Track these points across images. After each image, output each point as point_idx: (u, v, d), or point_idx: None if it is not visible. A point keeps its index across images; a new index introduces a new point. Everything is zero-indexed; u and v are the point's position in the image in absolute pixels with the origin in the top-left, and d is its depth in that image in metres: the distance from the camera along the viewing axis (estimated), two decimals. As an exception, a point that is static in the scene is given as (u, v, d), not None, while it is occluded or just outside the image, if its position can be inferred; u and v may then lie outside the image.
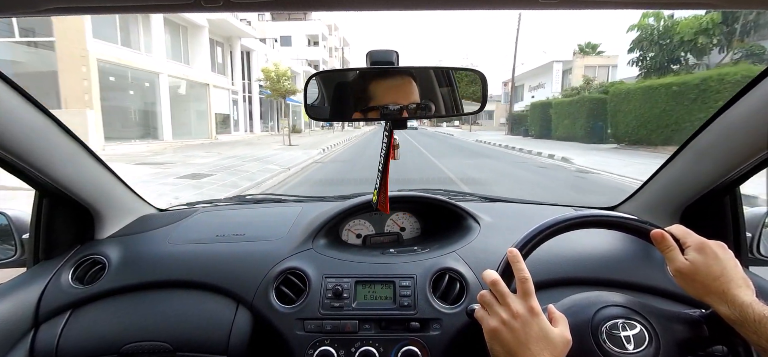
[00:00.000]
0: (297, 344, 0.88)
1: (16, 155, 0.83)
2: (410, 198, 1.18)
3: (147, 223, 1.20)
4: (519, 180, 8.03)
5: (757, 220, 1.00)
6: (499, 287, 0.61)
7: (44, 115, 0.86)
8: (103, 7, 0.66)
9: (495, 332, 0.59)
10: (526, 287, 0.60)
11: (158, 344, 0.91)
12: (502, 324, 0.59)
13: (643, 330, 0.64)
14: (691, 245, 0.62)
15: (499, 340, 0.59)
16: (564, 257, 0.95)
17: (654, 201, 1.11)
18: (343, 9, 0.62)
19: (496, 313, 0.60)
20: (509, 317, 0.58)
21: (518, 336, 0.57)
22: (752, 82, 0.77)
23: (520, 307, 0.59)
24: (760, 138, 0.78)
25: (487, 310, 0.62)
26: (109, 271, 1.01)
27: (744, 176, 0.89)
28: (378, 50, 0.72)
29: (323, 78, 0.81)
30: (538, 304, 0.60)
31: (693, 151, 0.96)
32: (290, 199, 1.44)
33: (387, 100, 0.73)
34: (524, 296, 0.59)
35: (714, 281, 0.59)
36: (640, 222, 0.69)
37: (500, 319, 0.59)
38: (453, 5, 0.59)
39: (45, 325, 0.94)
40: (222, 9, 0.61)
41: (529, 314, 0.58)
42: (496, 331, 0.59)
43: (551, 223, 0.69)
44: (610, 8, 0.59)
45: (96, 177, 1.05)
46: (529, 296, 0.59)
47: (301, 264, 0.97)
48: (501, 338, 0.58)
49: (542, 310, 0.60)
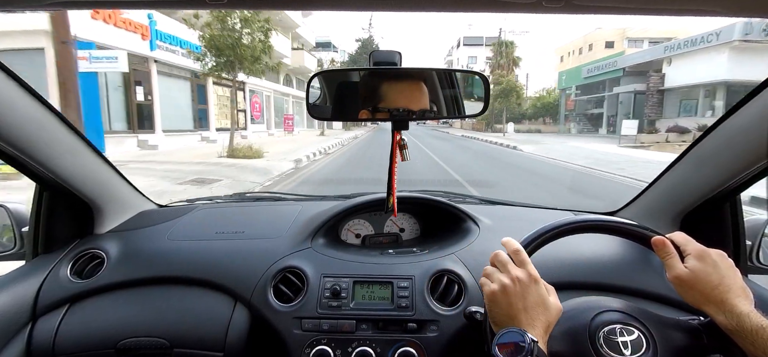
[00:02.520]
0: (294, 343, 0.87)
1: (17, 148, 0.83)
2: (410, 199, 1.18)
3: (146, 218, 1.20)
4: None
5: (757, 229, 0.99)
6: (500, 257, 0.64)
7: (45, 108, 0.86)
8: (105, 2, 0.66)
9: (493, 295, 0.62)
10: (521, 257, 0.63)
11: (155, 340, 0.91)
12: (502, 288, 0.61)
13: (641, 336, 0.64)
14: (691, 253, 0.62)
15: (497, 304, 0.61)
16: (563, 261, 0.95)
17: (654, 207, 1.11)
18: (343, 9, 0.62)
19: (497, 280, 0.62)
20: (509, 282, 0.61)
21: (516, 300, 0.60)
22: (754, 91, 0.77)
23: (521, 273, 0.61)
24: (760, 146, 0.78)
25: (490, 279, 0.64)
26: (108, 266, 1.01)
27: (745, 184, 0.88)
28: (381, 51, 0.72)
29: (325, 77, 0.81)
30: (537, 271, 0.62)
31: (694, 158, 0.96)
32: (290, 197, 1.44)
33: (399, 104, 0.74)
34: (522, 264, 0.62)
35: (712, 290, 0.59)
36: (641, 228, 0.69)
37: (500, 283, 0.61)
38: (453, 6, 0.59)
39: (43, 318, 0.94)
40: (225, 6, 0.61)
41: (528, 279, 0.61)
42: (494, 295, 0.61)
43: (552, 227, 0.69)
44: (613, 13, 0.59)
45: (96, 171, 1.05)
46: (527, 263, 0.62)
47: (299, 263, 0.97)
48: (499, 301, 0.61)
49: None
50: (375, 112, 0.75)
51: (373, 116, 0.75)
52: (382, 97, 0.75)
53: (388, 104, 0.74)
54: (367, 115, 0.76)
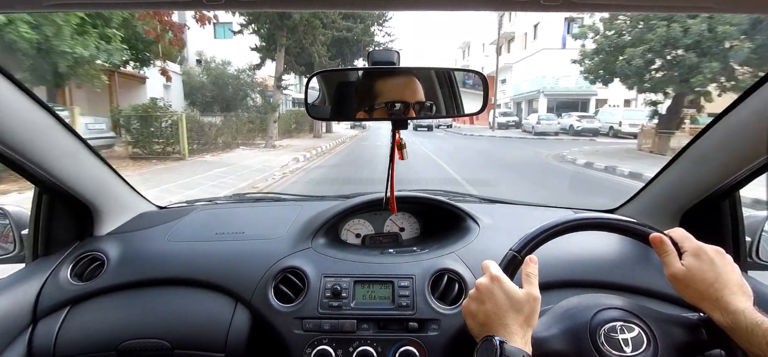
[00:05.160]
0: (295, 343, 0.87)
1: (17, 151, 0.83)
2: (410, 198, 1.18)
3: (146, 220, 1.20)
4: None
5: (757, 225, 1.00)
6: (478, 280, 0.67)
7: (45, 111, 0.86)
8: (103, 3, 0.66)
9: (465, 309, 0.65)
10: (483, 264, 0.66)
11: (156, 342, 0.91)
12: (469, 299, 0.65)
13: (642, 333, 0.64)
14: (688, 250, 0.62)
15: (471, 315, 0.64)
16: (563, 259, 0.95)
17: (654, 204, 1.11)
18: (343, 8, 0.63)
19: (469, 296, 0.66)
20: (474, 291, 0.64)
21: (484, 307, 0.62)
22: (753, 86, 0.77)
23: (483, 280, 0.64)
24: (760, 143, 0.78)
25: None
26: (108, 268, 1.01)
27: (744, 181, 0.88)
28: (379, 50, 0.73)
29: (324, 77, 0.81)
30: (500, 271, 0.64)
31: (693, 155, 0.96)
32: (290, 198, 1.44)
33: (393, 97, 0.74)
34: (485, 271, 0.65)
35: (708, 287, 0.59)
36: (639, 225, 0.69)
37: (468, 296, 0.65)
38: (453, 5, 0.59)
39: (43, 321, 0.94)
40: (223, 7, 0.61)
41: (489, 281, 0.63)
42: (465, 308, 0.65)
43: (551, 225, 0.69)
44: (611, 10, 0.59)
45: (96, 174, 1.05)
46: (488, 269, 0.65)
47: (300, 263, 0.97)
48: (471, 313, 0.64)
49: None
50: (373, 110, 0.75)
51: (371, 115, 0.76)
52: (379, 95, 0.75)
53: (385, 99, 0.75)
54: (365, 114, 0.77)
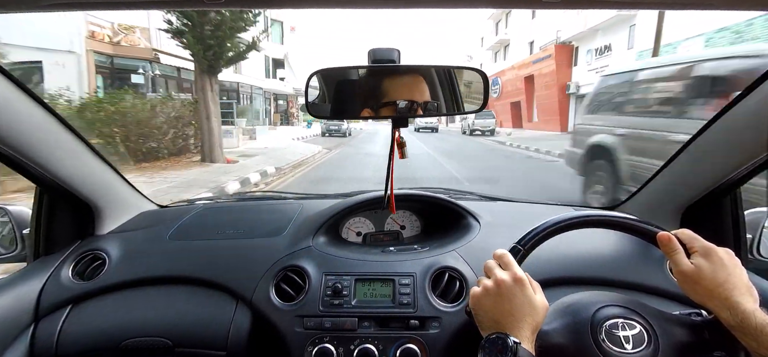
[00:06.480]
0: (296, 341, 0.88)
1: (18, 151, 0.83)
2: (411, 196, 1.18)
3: (147, 219, 1.20)
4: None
5: (758, 222, 1.00)
6: (487, 264, 0.65)
7: (45, 110, 0.86)
8: (103, 3, 0.66)
9: (476, 299, 0.63)
10: (505, 260, 0.64)
11: (158, 340, 0.91)
12: (485, 291, 0.62)
13: (643, 330, 0.64)
14: (698, 250, 0.62)
15: (481, 307, 0.62)
16: (564, 257, 0.95)
17: (654, 201, 1.11)
18: (343, 7, 0.63)
19: (482, 284, 0.63)
20: (493, 285, 0.62)
21: (501, 304, 0.60)
22: (753, 84, 0.77)
23: (504, 276, 0.62)
24: (760, 139, 0.78)
25: (478, 286, 0.65)
26: (110, 267, 1.01)
27: (744, 177, 0.88)
28: (380, 48, 0.72)
29: (324, 75, 0.81)
30: (522, 272, 0.62)
31: (694, 152, 0.96)
32: (291, 196, 1.44)
33: (401, 96, 0.74)
34: (507, 267, 0.63)
35: (718, 287, 0.59)
36: (646, 224, 0.69)
37: (484, 287, 0.63)
38: (453, 4, 0.59)
39: (45, 319, 0.94)
40: (223, 6, 0.61)
41: (513, 282, 0.61)
42: (477, 298, 0.63)
43: (554, 222, 0.69)
44: (610, 7, 0.59)
45: (96, 173, 1.06)
46: (511, 266, 0.63)
47: (301, 261, 0.97)
48: (483, 305, 0.62)
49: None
50: (380, 108, 0.75)
51: (376, 113, 0.75)
52: (384, 94, 0.75)
53: (391, 98, 0.74)
54: (368, 112, 0.76)
